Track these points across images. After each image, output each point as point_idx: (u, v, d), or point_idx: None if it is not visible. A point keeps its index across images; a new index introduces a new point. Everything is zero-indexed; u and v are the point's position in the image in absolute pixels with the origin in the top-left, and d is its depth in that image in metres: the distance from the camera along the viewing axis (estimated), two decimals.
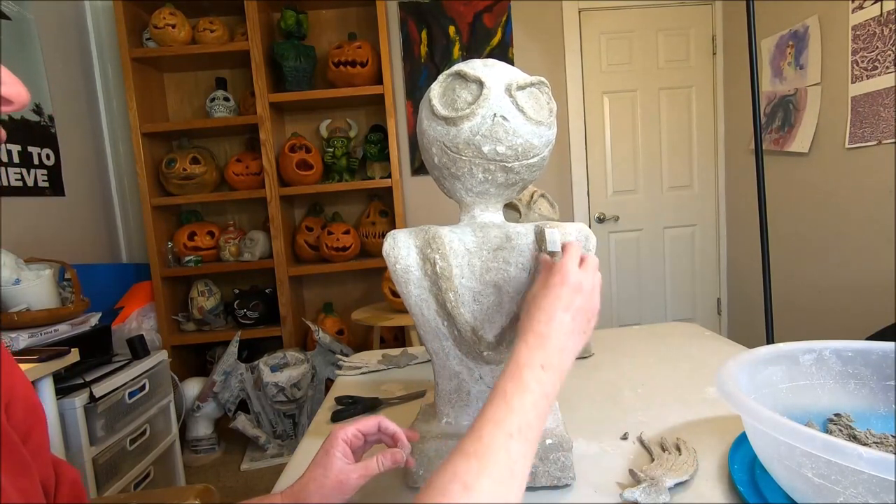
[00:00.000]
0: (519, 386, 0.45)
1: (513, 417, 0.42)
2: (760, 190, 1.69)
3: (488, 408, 0.43)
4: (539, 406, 0.44)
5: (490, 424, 0.42)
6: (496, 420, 0.42)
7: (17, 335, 1.43)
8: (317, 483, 0.53)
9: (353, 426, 0.57)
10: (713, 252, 2.99)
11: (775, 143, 2.42)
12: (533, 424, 0.43)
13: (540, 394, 0.45)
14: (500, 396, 0.44)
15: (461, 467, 0.39)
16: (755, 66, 1.65)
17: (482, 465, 0.39)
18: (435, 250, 0.60)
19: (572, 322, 0.50)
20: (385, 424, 0.59)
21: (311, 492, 0.53)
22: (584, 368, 1.06)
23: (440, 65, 2.70)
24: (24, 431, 0.42)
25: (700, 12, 2.82)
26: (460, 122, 0.58)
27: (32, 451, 0.41)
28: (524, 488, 0.41)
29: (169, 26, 2.33)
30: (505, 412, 0.43)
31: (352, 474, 0.54)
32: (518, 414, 0.43)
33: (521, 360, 0.47)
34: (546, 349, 0.48)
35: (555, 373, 0.47)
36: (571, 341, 0.50)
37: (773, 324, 1.71)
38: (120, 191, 2.59)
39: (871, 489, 0.43)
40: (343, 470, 0.54)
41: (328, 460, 0.54)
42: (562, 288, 0.51)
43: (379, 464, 0.55)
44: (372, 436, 0.59)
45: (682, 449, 0.67)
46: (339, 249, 2.49)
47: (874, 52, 1.87)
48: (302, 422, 2.32)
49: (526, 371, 0.46)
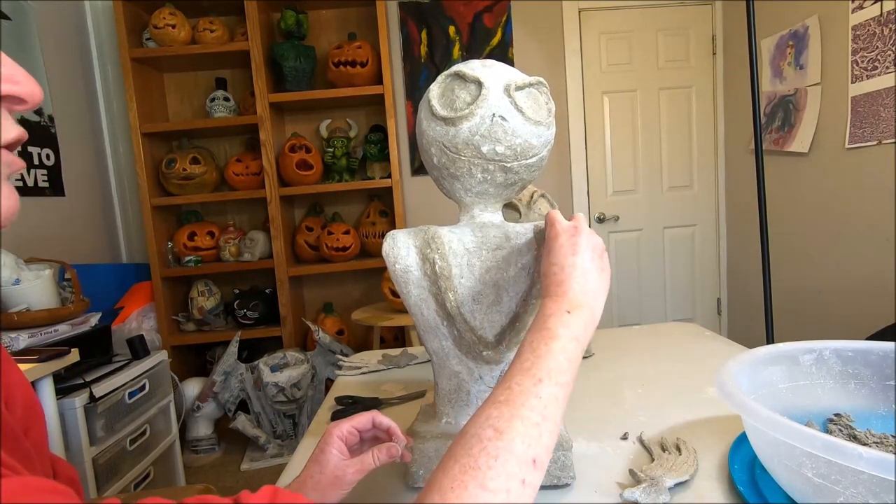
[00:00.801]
0: (545, 335, 0.46)
1: (540, 363, 0.43)
2: (760, 190, 1.69)
3: (516, 360, 0.45)
4: (568, 349, 0.45)
5: (518, 374, 0.43)
6: (523, 369, 0.43)
7: (17, 335, 1.43)
8: (314, 480, 0.54)
9: (347, 423, 0.58)
10: (713, 252, 2.99)
11: (775, 143, 2.42)
12: (563, 368, 0.44)
13: (568, 338, 0.46)
14: (527, 348, 0.45)
15: (493, 413, 0.40)
16: (755, 66, 1.65)
17: (512, 410, 0.40)
18: (434, 250, 0.60)
19: (585, 262, 0.51)
20: (379, 419, 0.60)
21: (308, 489, 0.54)
22: (584, 368, 1.06)
23: (440, 65, 2.70)
24: (22, 430, 0.42)
25: (700, 12, 2.82)
26: (459, 122, 0.58)
27: (31, 447, 0.41)
28: (559, 429, 0.42)
29: (169, 26, 2.33)
30: (532, 360, 0.44)
31: (348, 469, 0.54)
32: (545, 359, 0.44)
33: (545, 310, 0.48)
34: (568, 294, 0.49)
35: (583, 313, 0.48)
36: (593, 279, 0.51)
37: (773, 324, 1.71)
38: (120, 191, 2.59)
39: (871, 489, 0.43)
40: (339, 466, 0.54)
41: (324, 457, 0.55)
42: (561, 237, 0.53)
43: (374, 458, 0.55)
44: (367, 431, 0.60)
45: (682, 449, 0.67)
46: (339, 249, 2.49)
47: (874, 52, 1.87)
48: (302, 422, 2.32)
49: (551, 320, 0.47)
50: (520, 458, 0.38)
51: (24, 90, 0.35)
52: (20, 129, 0.36)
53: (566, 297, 0.49)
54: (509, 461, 0.37)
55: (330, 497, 0.54)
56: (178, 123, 2.54)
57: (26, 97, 0.36)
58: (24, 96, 0.36)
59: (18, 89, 0.35)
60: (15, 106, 0.36)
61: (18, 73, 0.36)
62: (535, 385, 0.42)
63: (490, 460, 0.37)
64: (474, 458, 0.37)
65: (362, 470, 0.55)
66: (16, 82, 0.35)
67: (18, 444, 0.38)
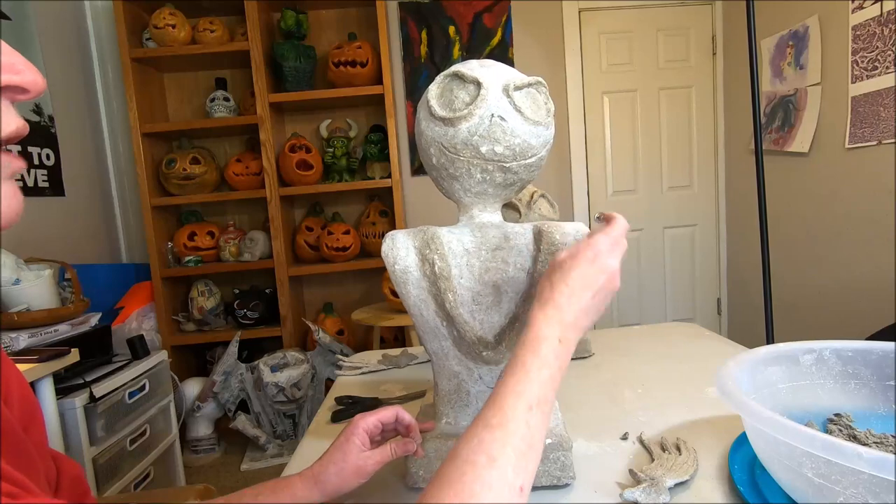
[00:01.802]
0: (538, 359, 0.45)
1: (532, 388, 0.43)
2: (760, 190, 1.69)
3: (509, 379, 0.44)
4: (555, 380, 0.45)
5: (512, 396, 0.42)
6: (517, 392, 0.43)
7: (17, 335, 1.43)
8: (336, 467, 0.57)
9: (374, 416, 0.61)
10: (713, 252, 2.99)
11: (775, 143, 2.42)
12: (549, 398, 0.44)
13: (556, 368, 0.46)
14: (520, 368, 0.44)
15: (486, 437, 0.40)
16: (755, 66, 1.65)
17: (505, 436, 0.40)
18: (434, 251, 0.60)
19: (591, 301, 0.50)
20: (402, 415, 0.62)
21: (330, 474, 0.56)
22: (584, 368, 1.06)
23: (440, 65, 2.70)
24: (22, 428, 0.42)
25: (700, 12, 2.82)
26: (458, 122, 0.58)
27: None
28: (538, 462, 0.42)
29: (169, 26, 2.33)
30: (525, 384, 0.43)
31: (369, 460, 0.57)
32: (537, 386, 0.43)
33: (540, 332, 0.47)
34: (563, 324, 0.48)
35: (568, 348, 0.48)
36: (587, 320, 0.50)
37: (773, 324, 1.71)
38: (120, 191, 2.59)
39: (871, 489, 0.43)
40: (361, 456, 0.57)
41: (348, 446, 0.57)
42: (591, 266, 0.50)
43: (392, 451, 0.59)
44: (390, 425, 0.62)
45: (682, 449, 0.67)
46: (339, 249, 2.49)
47: (874, 52, 1.87)
48: (302, 422, 2.32)
49: (544, 344, 0.46)
50: (511, 486, 0.38)
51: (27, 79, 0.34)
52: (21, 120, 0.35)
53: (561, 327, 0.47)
54: (503, 490, 0.38)
55: (350, 484, 0.57)
56: (178, 123, 2.54)
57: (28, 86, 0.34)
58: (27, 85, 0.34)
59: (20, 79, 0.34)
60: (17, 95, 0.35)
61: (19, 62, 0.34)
62: (526, 412, 0.42)
63: (485, 490, 0.37)
64: (468, 485, 0.37)
65: (381, 462, 0.58)
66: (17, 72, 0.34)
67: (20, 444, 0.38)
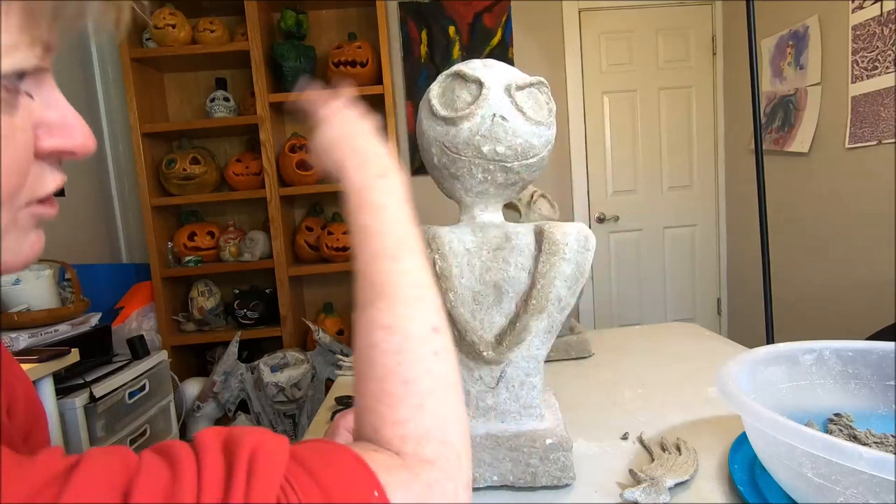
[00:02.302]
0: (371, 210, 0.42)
1: (383, 241, 0.40)
2: (760, 190, 1.69)
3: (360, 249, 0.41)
4: (403, 210, 0.42)
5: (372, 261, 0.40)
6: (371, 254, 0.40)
7: (17, 335, 1.43)
8: None
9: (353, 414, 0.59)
10: (713, 252, 2.99)
11: (775, 143, 2.42)
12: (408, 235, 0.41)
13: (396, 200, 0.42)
14: (361, 232, 0.41)
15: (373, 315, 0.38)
16: (755, 66, 1.65)
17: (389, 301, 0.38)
18: (434, 250, 0.60)
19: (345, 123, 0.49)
20: None
21: None
22: (584, 368, 1.06)
23: (440, 65, 2.70)
24: (24, 431, 0.42)
25: (700, 12, 2.82)
26: (460, 122, 0.58)
27: (33, 449, 0.41)
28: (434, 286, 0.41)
29: (169, 26, 2.32)
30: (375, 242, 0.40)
31: None
32: (385, 236, 0.41)
33: (354, 185, 0.43)
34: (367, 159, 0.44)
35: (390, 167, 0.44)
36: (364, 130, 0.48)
37: (773, 324, 1.71)
38: (120, 191, 2.59)
39: (871, 489, 0.43)
40: None
41: None
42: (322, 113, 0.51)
43: None
44: None
45: (682, 449, 0.67)
46: (339, 249, 2.49)
47: (874, 52, 1.87)
48: (302, 422, 2.32)
49: (366, 193, 0.42)
50: (421, 338, 0.37)
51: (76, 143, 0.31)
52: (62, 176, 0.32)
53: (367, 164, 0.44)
54: (412, 346, 0.37)
55: None
56: (178, 123, 2.54)
57: (77, 150, 0.31)
58: (75, 149, 0.31)
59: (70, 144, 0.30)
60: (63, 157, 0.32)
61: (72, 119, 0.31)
62: (394, 263, 0.39)
63: (396, 356, 0.36)
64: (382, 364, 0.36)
65: None
66: (69, 136, 0.31)
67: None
